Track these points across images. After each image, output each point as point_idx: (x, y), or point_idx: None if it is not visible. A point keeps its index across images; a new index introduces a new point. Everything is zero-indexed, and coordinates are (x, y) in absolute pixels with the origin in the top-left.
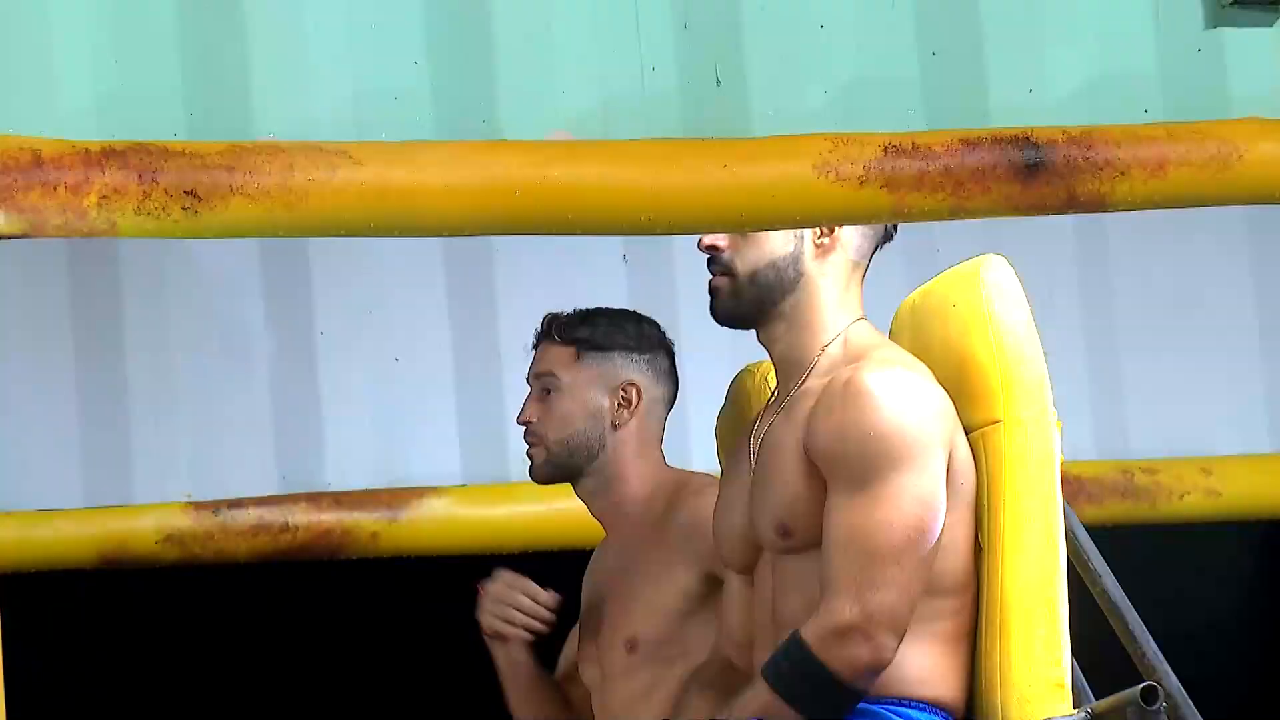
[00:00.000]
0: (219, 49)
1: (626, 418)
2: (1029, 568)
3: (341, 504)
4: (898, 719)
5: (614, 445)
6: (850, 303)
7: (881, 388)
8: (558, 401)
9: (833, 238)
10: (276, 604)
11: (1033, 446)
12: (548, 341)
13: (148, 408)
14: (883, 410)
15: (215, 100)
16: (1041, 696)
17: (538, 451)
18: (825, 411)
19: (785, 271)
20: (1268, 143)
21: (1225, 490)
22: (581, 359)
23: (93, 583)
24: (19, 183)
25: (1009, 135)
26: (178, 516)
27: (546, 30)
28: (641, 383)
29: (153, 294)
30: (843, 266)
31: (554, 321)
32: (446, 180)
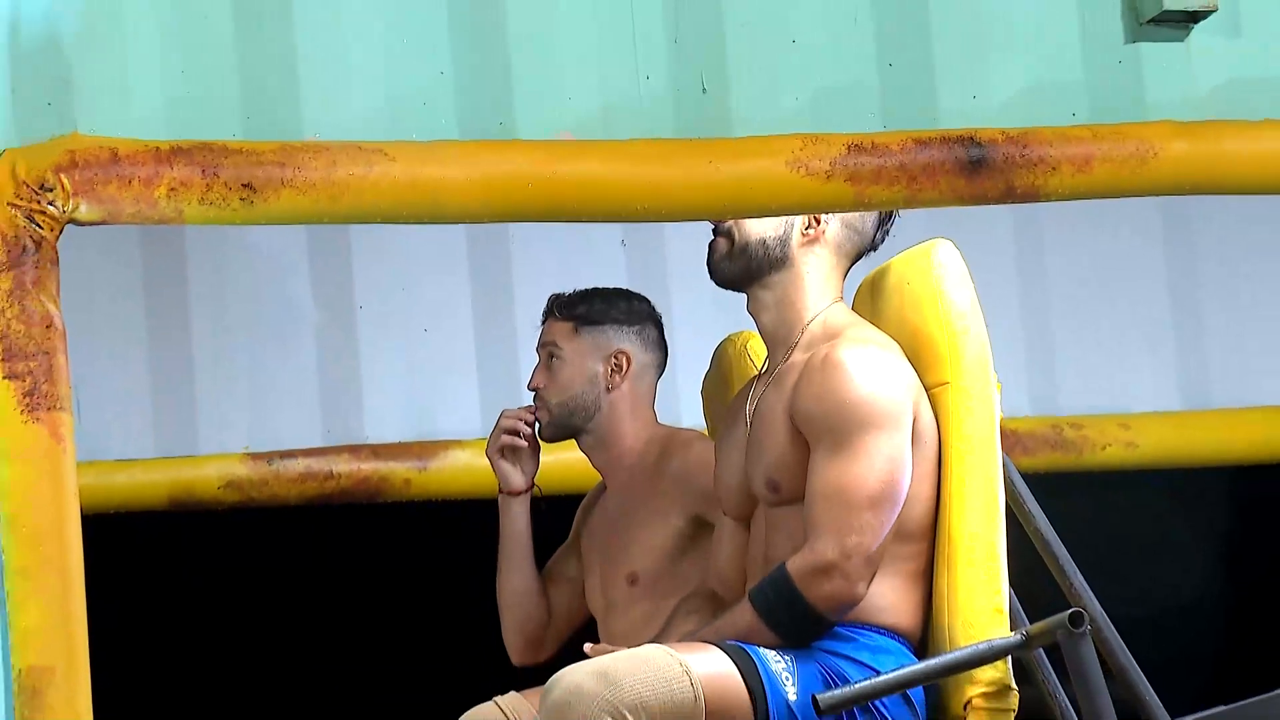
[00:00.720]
0: (271, 61)
1: (619, 382)
2: (973, 511)
3: (378, 455)
4: (861, 640)
5: (609, 406)
6: (830, 290)
7: (856, 362)
8: (560, 369)
9: (818, 231)
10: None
11: (976, 405)
12: (551, 318)
13: (210, 371)
14: (857, 381)
15: (268, 105)
16: (984, 623)
17: (543, 414)
18: (807, 383)
19: (773, 250)
20: (1180, 142)
21: (1141, 443)
22: (579, 332)
23: (162, 523)
24: (98, 177)
25: (955, 135)
26: (236, 466)
27: (554, 44)
28: (632, 351)
29: (214, 273)
30: (825, 258)
31: (556, 300)
32: (468, 175)
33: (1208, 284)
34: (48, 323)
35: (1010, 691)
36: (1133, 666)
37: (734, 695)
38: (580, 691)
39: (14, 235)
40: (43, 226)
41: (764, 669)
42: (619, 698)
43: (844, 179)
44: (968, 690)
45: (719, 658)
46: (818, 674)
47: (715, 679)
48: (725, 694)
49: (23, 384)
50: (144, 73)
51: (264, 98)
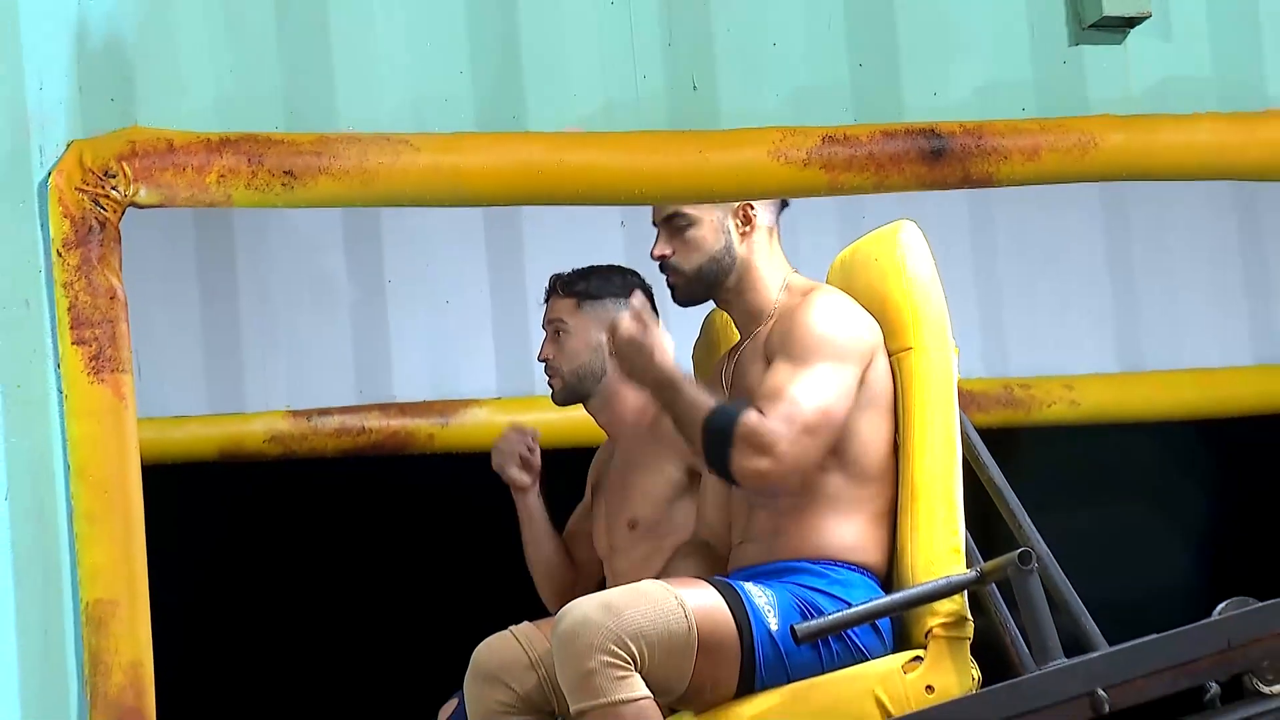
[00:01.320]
0: (309, 62)
1: None
2: (933, 461)
3: (405, 412)
4: (834, 576)
5: (612, 371)
6: (778, 261)
7: (825, 303)
8: (567, 341)
9: (752, 225)
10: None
11: (935, 367)
12: (555, 296)
13: (255, 337)
14: (821, 317)
15: (306, 101)
16: (943, 560)
17: (556, 382)
18: (780, 326)
19: (722, 261)
20: (1117, 134)
21: (1083, 401)
22: (581, 307)
23: (213, 473)
24: (156, 165)
25: (918, 128)
26: (280, 422)
27: (561, 47)
28: None
29: (259, 251)
30: (763, 238)
31: (558, 280)
32: (484, 163)
33: (1142, 260)
34: (111, 294)
35: (966, 622)
36: (1075, 599)
37: (723, 626)
38: (587, 621)
39: (81, 217)
40: (106, 209)
41: (749, 602)
42: (621, 626)
43: (819, 167)
44: (929, 621)
45: (709, 593)
46: (795, 606)
47: (706, 611)
48: (715, 625)
49: (89, 349)
50: (196, 72)
51: (303, 94)
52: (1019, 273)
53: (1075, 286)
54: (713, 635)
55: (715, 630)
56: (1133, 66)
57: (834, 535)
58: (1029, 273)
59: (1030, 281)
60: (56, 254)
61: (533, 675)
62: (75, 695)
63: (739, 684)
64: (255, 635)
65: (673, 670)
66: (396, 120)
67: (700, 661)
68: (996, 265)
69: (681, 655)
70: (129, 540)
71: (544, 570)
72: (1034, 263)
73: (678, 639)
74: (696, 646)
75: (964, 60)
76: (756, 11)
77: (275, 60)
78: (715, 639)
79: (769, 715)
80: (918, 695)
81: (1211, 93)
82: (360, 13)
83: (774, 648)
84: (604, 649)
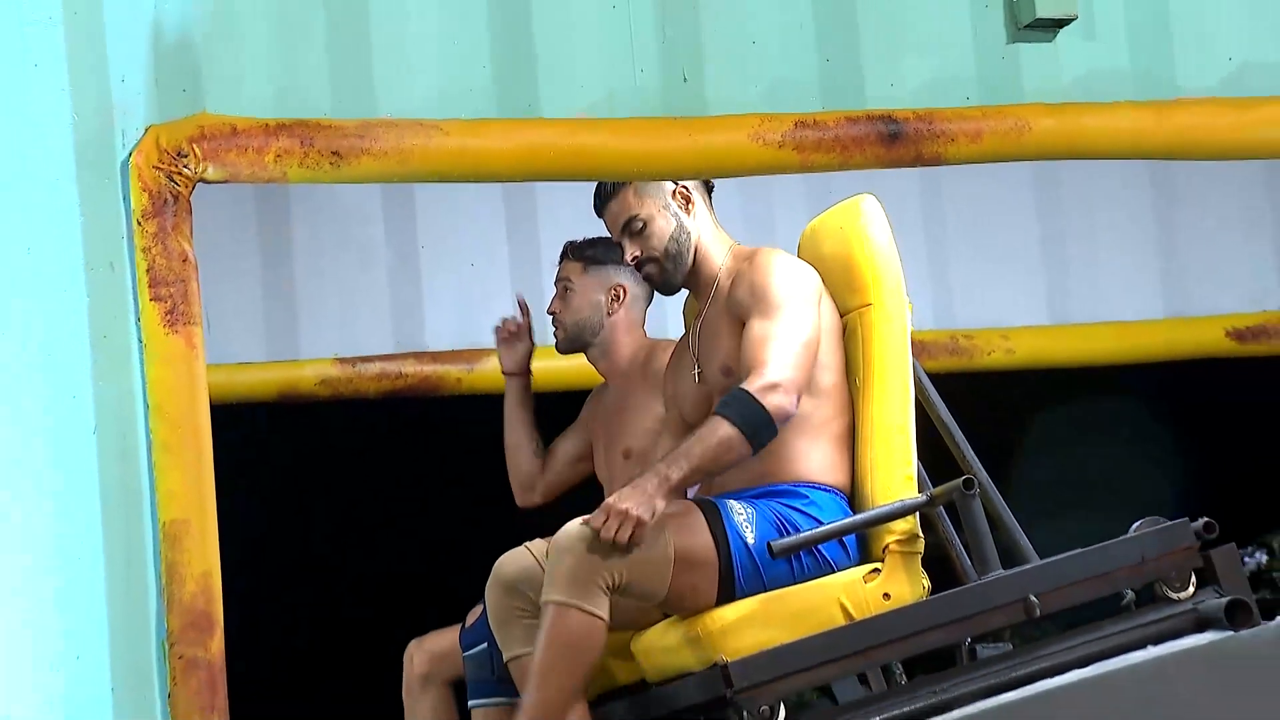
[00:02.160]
0: (353, 58)
1: (617, 308)
2: (889, 400)
3: (437, 359)
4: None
5: (609, 327)
6: (722, 236)
7: (773, 260)
8: (571, 298)
9: (693, 205)
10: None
11: (893, 321)
12: (566, 258)
13: (308, 295)
14: (776, 271)
15: (351, 91)
16: (898, 487)
17: (559, 333)
18: (738, 285)
19: (680, 237)
20: (1048, 120)
21: (1018, 349)
22: (587, 269)
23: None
24: (221, 147)
25: (878, 115)
26: (329, 368)
27: (570, 45)
28: (627, 285)
29: (310, 220)
30: (703, 213)
31: (570, 245)
32: (505, 145)
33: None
34: (183, 258)
35: (918, 539)
36: (1010, 519)
37: (700, 541)
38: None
39: (157, 191)
40: (179, 184)
41: (728, 519)
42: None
43: (792, 148)
44: (886, 538)
45: (690, 508)
46: (773, 522)
47: (685, 528)
48: (693, 540)
49: (165, 305)
50: (255, 66)
51: (347, 85)
52: (963, 239)
53: (1011, 251)
54: (690, 549)
55: (692, 545)
56: (1061, 61)
57: (805, 459)
58: (972, 239)
59: (973, 247)
60: (136, 223)
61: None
62: (154, 601)
63: (719, 592)
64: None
65: (651, 579)
66: (428, 108)
67: (677, 572)
68: (944, 233)
69: (659, 566)
70: (199, 468)
71: (510, 455)
72: (976, 230)
73: (653, 552)
74: (673, 560)
75: (916, 56)
76: (738, 14)
77: (323, 56)
78: (692, 552)
79: (748, 619)
80: (876, 602)
81: (1129, 84)
82: (397, 15)
83: (751, 560)
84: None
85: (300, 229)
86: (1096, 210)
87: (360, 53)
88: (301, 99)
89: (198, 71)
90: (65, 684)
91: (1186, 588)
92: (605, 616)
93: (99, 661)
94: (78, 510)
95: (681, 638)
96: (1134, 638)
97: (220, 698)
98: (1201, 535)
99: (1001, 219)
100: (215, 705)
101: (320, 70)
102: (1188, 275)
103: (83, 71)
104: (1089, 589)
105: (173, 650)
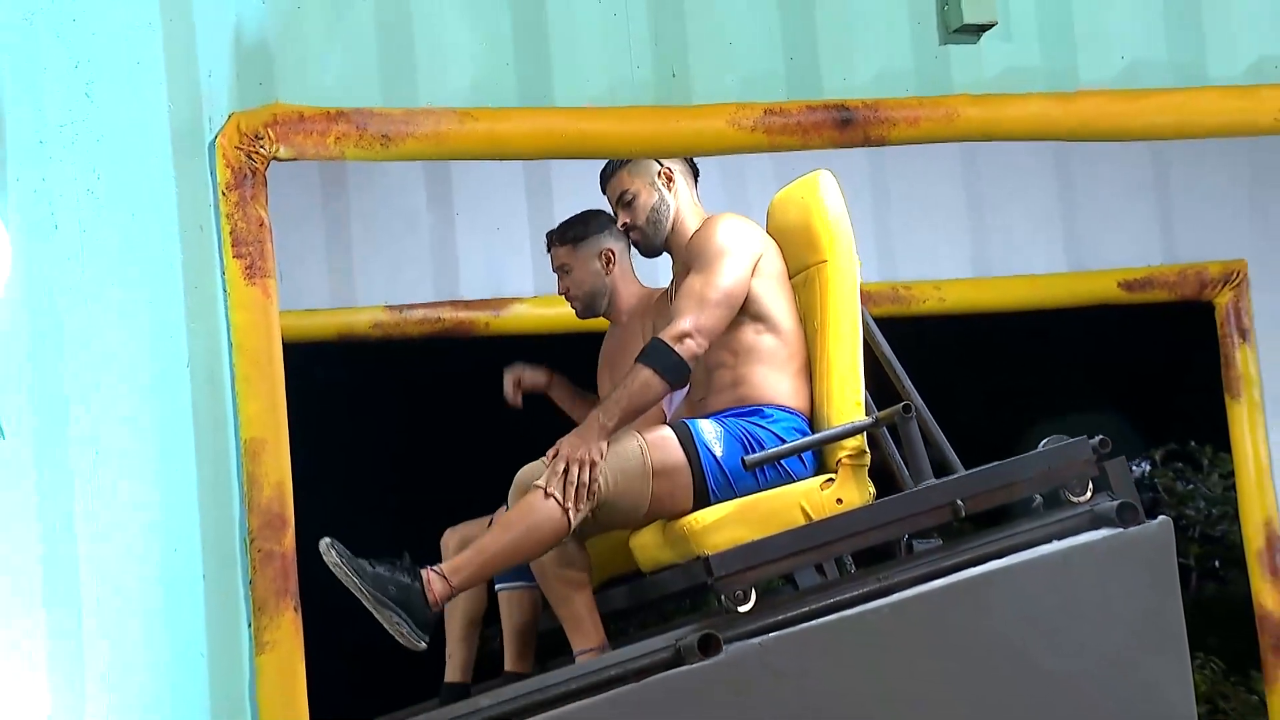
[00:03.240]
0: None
1: (612, 268)
2: (842, 340)
3: (469, 307)
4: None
5: (613, 285)
6: (697, 207)
7: (715, 224)
8: (575, 275)
9: (671, 178)
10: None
11: (844, 274)
12: (555, 246)
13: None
14: (716, 232)
15: (397, 85)
16: (849, 411)
17: (576, 305)
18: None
19: (660, 208)
20: (973, 109)
21: (948, 299)
22: (576, 248)
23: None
24: (291, 130)
25: (833, 104)
26: (380, 314)
27: (578, 46)
28: (613, 245)
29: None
30: (683, 188)
31: (552, 234)
32: (524, 129)
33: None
34: (260, 222)
35: (865, 454)
36: (942, 438)
37: (673, 456)
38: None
39: (239, 167)
40: (256, 162)
41: (698, 437)
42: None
43: (762, 132)
44: (839, 453)
45: (665, 432)
46: (738, 437)
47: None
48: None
49: (245, 261)
50: (319, 64)
51: (395, 79)
52: (903, 207)
53: (942, 216)
54: (664, 463)
55: (666, 459)
56: (984, 60)
57: (771, 387)
58: (909, 206)
59: (910, 213)
60: (221, 194)
61: None
62: (238, 505)
63: (694, 499)
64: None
65: (634, 490)
66: (460, 98)
67: (656, 483)
68: (887, 201)
69: (639, 479)
70: (274, 396)
71: (579, 416)
72: (913, 199)
73: (633, 468)
74: (651, 473)
75: (865, 55)
76: (717, 21)
77: (375, 56)
78: (667, 465)
79: (724, 521)
80: (831, 506)
81: (1039, 78)
82: (435, 22)
83: (721, 470)
84: None
85: (356, 198)
86: (1011, 182)
87: (405, 53)
88: (357, 91)
89: (271, 68)
90: (166, 573)
91: (1085, 493)
92: (572, 524)
93: (193, 554)
94: (175, 430)
95: (670, 536)
96: (1041, 534)
97: (292, 582)
98: (1097, 450)
99: (934, 189)
100: (288, 589)
101: (372, 68)
102: (1086, 236)
103: (177, 68)
104: (1005, 494)
105: (253, 544)
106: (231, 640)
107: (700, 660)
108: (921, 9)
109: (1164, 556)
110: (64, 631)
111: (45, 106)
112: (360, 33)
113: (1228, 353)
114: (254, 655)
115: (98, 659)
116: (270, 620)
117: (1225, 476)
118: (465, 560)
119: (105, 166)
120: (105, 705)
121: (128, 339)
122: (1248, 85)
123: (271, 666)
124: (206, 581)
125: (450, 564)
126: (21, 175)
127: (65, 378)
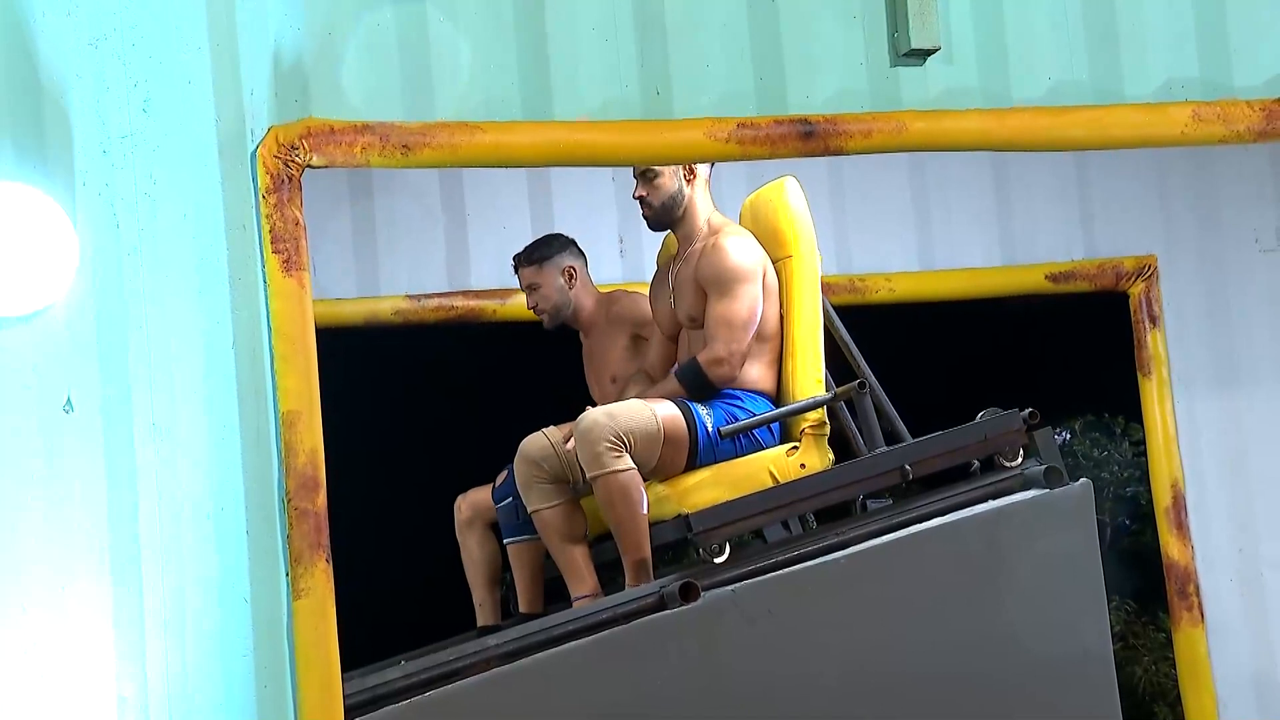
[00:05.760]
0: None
1: (574, 283)
2: (805, 326)
3: (479, 296)
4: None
5: (575, 299)
6: (708, 203)
7: (730, 245)
8: (542, 292)
9: (694, 177)
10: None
11: (807, 268)
12: (522, 267)
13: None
14: (731, 255)
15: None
16: (811, 388)
17: (545, 318)
18: (704, 260)
19: (677, 198)
20: (920, 123)
21: (897, 289)
22: (541, 268)
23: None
24: (323, 141)
25: (798, 119)
26: (400, 301)
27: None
28: (574, 263)
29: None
30: (701, 188)
31: (518, 257)
32: (527, 140)
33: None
34: (295, 222)
35: (825, 425)
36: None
37: (678, 426)
38: (596, 422)
39: (277, 173)
40: (292, 169)
41: (695, 412)
42: (617, 425)
43: (735, 143)
44: (802, 424)
45: (671, 406)
46: (723, 414)
47: (669, 417)
48: (674, 424)
49: (282, 256)
50: (348, 83)
51: (413, 96)
52: (858, 208)
53: (892, 216)
54: (671, 431)
55: (673, 428)
56: (929, 80)
57: (747, 374)
58: (864, 208)
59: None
60: (261, 197)
61: (555, 459)
62: (276, 469)
63: (687, 463)
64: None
65: (647, 452)
66: (471, 112)
67: (664, 448)
68: (844, 204)
69: (652, 442)
70: (308, 373)
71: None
72: (867, 202)
73: (650, 433)
74: (662, 438)
75: (825, 76)
76: (696, 45)
77: (397, 76)
78: (673, 433)
79: (703, 483)
80: (795, 470)
81: (977, 97)
82: (449, 46)
83: (709, 439)
84: (605, 438)
85: (380, 201)
86: (953, 187)
87: (423, 74)
88: (381, 107)
89: (306, 87)
90: (214, 529)
91: (1016, 459)
92: (633, 466)
93: (237, 513)
94: (222, 403)
95: (657, 495)
96: (978, 495)
97: (324, 537)
98: (1027, 421)
99: (885, 193)
100: (321, 543)
101: (394, 86)
102: (1018, 234)
103: (223, 87)
104: (946, 460)
105: (290, 504)
106: (272, 588)
107: (681, 605)
108: (874, 35)
109: (1084, 514)
110: (127, 580)
111: (109, 120)
112: (384, 56)
113: (1140, 336)
114: (291, 600)
115: (156, 605)
116: (305, 570)
117: (1136, 444)
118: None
119: (161, 173)
120: (163, 646)
121: (180, 324)
122: (1157, 103)
123: (306, 610)
124: (249, 537)
125: (627, 563)
126: (88, 180)
127: (128, 358)
